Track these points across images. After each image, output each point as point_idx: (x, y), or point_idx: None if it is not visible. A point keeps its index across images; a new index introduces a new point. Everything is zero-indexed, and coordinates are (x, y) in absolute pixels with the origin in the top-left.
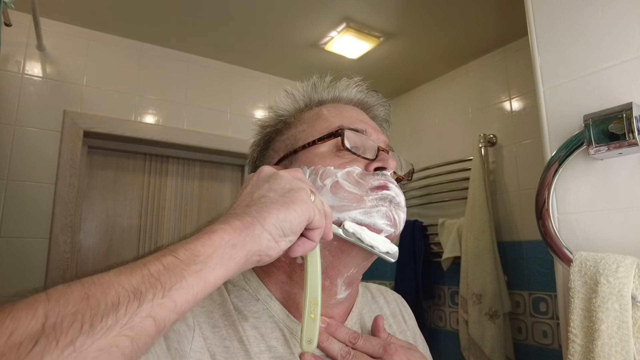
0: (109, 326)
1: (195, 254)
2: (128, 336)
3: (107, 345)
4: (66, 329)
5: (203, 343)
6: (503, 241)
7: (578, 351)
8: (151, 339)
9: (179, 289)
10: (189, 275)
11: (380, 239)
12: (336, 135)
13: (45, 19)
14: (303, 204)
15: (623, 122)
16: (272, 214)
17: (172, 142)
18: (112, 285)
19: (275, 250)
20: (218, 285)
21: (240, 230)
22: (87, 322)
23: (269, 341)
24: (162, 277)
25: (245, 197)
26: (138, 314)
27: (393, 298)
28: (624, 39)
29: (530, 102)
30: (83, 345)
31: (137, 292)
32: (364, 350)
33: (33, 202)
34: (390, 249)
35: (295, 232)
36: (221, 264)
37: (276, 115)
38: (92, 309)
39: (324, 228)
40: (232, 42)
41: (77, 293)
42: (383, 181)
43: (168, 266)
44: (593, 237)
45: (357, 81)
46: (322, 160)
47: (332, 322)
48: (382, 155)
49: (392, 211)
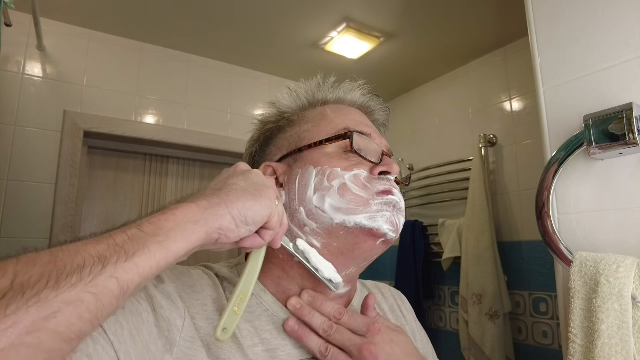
0: (72, 283)
1: (158, 226)
2: (92, 293)
3: (72, 299)
4: (32, 284)
5: (194, 332)
6: (503, 241)
7: (578, 351)
8: (115, 299)
9: (141, 255)
10: (152, 244)
11: (326, 265)
12: (345, 137)
13: (45, 19)
14: (268, 200)
15: (623, 122)
16: (239, 200)
17: (172, 142)
18: (79, 251)
19: (234, 233)
20: (180, 255)
21: (205, 208)
22: (52, 279)
23: (262, 334)
24: (126, 245)
25: (218, 182)
26: (101, 274)
27: (391, 294)
28: (624, 39)
29: (530, 102)
30: (48, 297)
31: (102, 257)
32: (347, 326)
33: (33, 202)
34: (334, 277)
35: (256, 223)
36: (182, 236)
37: (278, 111)
38: (59, 269)
39: (276, 233)
40: (232, 42)
41: (46, 257)
42: (388, 186)
43: (132, 236)
44: (593, 237)
45: (361, 84)
46: (328, 160)
47: (317, 296)
48: (386, 159)
49: (394, 216)
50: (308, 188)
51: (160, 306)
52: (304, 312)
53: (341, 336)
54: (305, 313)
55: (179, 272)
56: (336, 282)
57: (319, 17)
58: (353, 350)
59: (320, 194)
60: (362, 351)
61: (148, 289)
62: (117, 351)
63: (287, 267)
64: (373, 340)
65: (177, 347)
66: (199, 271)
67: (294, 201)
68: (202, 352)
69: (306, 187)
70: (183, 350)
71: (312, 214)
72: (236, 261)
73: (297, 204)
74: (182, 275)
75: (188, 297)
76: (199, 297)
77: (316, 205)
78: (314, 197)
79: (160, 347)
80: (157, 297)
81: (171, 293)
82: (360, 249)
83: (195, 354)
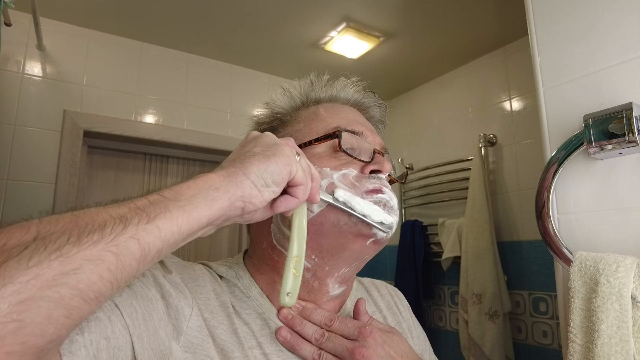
0: (94, 240)
1: (180, 192)
2: (113, 252)
3: (93, 257)
4: (55, 240)
5: (202, 322)
6: (503, 241)
7: (578, 351)
8: (136, 262)
9: (162, 218)
10: (173, 208)
11: (373, 208)
12: (333, 136)
13: (45, 18)
14: (284, 157)
15: (623, 122)
16: (254, 165)
17: (172, 142)
18: (100, 213)
19: (258, 199)
20: (203, 224)
21: (224, 177)
22: (74, 236)
23: (259, 337)
24: (148, 209)
25: (233, 154)
26: (123, 234)
27: (387, 291)
28: (624, 38)
29: (530, 102)
30: (69, 252)
31: (124, 218)
32: (339, 332)
33: (33, 202)
34: (385, 219)
35: (277, 183)
36: (204, 203)
37: (272, 112)
38: (80, 227)
39: (308, 187)
40: (232, 42)
41: (68, 217)
42: (378, 185)
43: (154, 201)
44: (593, 237)
45: (355, 81)
46: (318, 160)
47: (307, 305)
48: (378, 158)
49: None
50: None
51: (169, 294)
52: (295, 323)
53: (333, 343)
54: (297, 323)
55: (183, 266)
56: (388, 223)
57: (319, 17)
58: (346, 355)
59: None
60: (354, 355)
61: (157, 278)
62: (132, 335)
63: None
64: (365, 343)
65: (184, 336)
66: (201, 266)
67: None
68: (209, 342)
69: None
70: (190, 339)
71: None
72: (234, 261)
73: None
74: (187, 269)
75: (194, 289)
76: (203, 291)
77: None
78: None
79: (169, 334)
80: (167, 286)
81: (179, 283)
82: (350, 249)
83: (202, 343)
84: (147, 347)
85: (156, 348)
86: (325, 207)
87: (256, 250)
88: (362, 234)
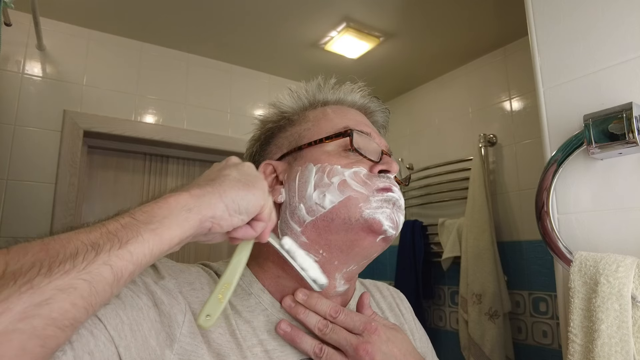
0: (66, 270)
1: (152, 215)
2: (85, 280)
3: (64, 286)
4: (25, 272)
5: (196, 328)
6: (503, 241)
7: (578, 351)
8: (109, 286)
9: (134, 242)
10: (145, 232)
11: (312, 265)
12: (345, 135)
13: (45, 18)
14: (261, 191)
15: (623, 122)
16: (233, 190)
17: (172, 142)
18: (71, 240)
19: (227, 222)
20: (174, 243)
21: (198, 197)
22: (45, 267)
23: (261, 334)
24: (120, 233)
25: (211, 173)
26: (95, 261)
27: (389, 293)
28: (624, 38)
29: (530, 102)
30: (40, 284)
31: (95, 245)
32: (344, 325)
33: (33, 202)
34: (319, 278)
35: (249, 213)
36: (176, 224)
37: (280, 111)
38: (51, 257)
39: (268, 226)
40: (232, 42)
41: (37, 246)
42: (388, 184)
43: (125, 225)
44: (593, 237)
45: (361, 86)
46: (328, 158)
47: (313, 294)
48: (386, 158)
49: (394, 213)
50: (308, 185)
51: (161, 302)
52: (299, 311)
53: (337, 335)
54: (300, 312)
55: (178, 270)
56: (321, 283)
57: (319, 17)
58: (349, 350)
59: (321, 190)
60: (358, 350)
61: (148, 285)
62: (118, 346)
63: (286, 266)
64: (370, 339)
65: (178, 343)
66: (198, 269)
67: (294, 198)
68: (204, 348)
69: (306, 184)
70: (183, 346)
71: (312, 211)
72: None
73: (297, 201)
74: (182, 272)
75: (189, 293)
76: (199, 294)
77: (316, 202)
78: (314, 194)
79: (161, 342)
80: (158, 293)
81: (172, 289)
82: (359, 245)
83: (195, 349)
84: (136, 357)
85: (146, 357)
86: (337, 204)
87: (259, 249)
88: (373, 231)
